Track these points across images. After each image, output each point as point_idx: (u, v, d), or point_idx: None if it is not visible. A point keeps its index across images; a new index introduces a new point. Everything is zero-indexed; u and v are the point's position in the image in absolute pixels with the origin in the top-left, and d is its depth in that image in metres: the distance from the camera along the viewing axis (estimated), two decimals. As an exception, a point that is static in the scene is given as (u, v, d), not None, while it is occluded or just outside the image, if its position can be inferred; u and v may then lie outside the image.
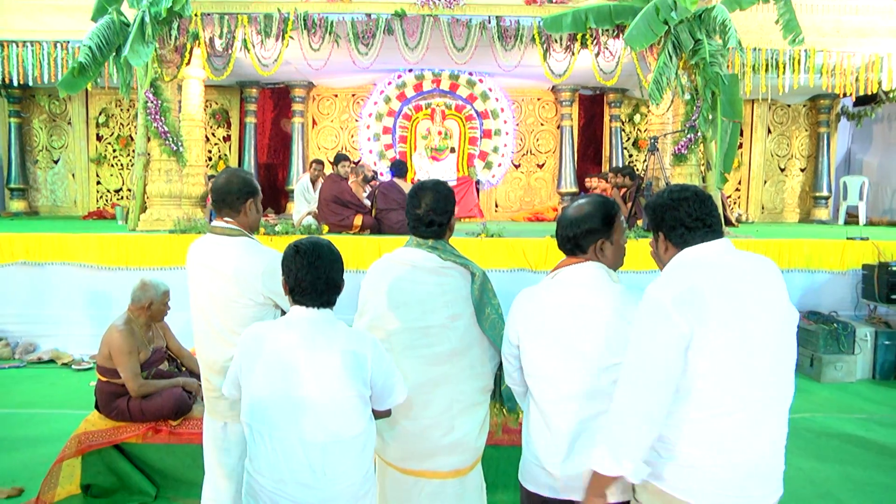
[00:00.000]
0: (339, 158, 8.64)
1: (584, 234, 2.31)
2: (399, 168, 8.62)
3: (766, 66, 8.78)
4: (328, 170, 9.87)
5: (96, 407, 4.38)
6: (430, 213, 2.66)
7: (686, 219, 2.14)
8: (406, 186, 8.35)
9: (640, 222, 7.87)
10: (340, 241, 7.42)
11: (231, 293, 2.81)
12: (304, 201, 9.19)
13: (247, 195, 2.92)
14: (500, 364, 2.72)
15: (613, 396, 2.07)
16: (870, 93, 9.64)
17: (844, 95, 10.72)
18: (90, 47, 7.42)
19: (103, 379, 4.28)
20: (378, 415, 2.48)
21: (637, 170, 10.38)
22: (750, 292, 2.05)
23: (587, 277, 2.31)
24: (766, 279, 2.12)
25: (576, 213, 2.35)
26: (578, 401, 2.26)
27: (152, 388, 4.24)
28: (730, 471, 2.03)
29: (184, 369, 4.64)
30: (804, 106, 12.68)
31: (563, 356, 2.26)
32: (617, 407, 2.04)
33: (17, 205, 11.83)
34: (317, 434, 2.27)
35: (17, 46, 8.63)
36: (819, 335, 7.07)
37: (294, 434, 2.28)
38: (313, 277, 2.32)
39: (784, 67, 8.78)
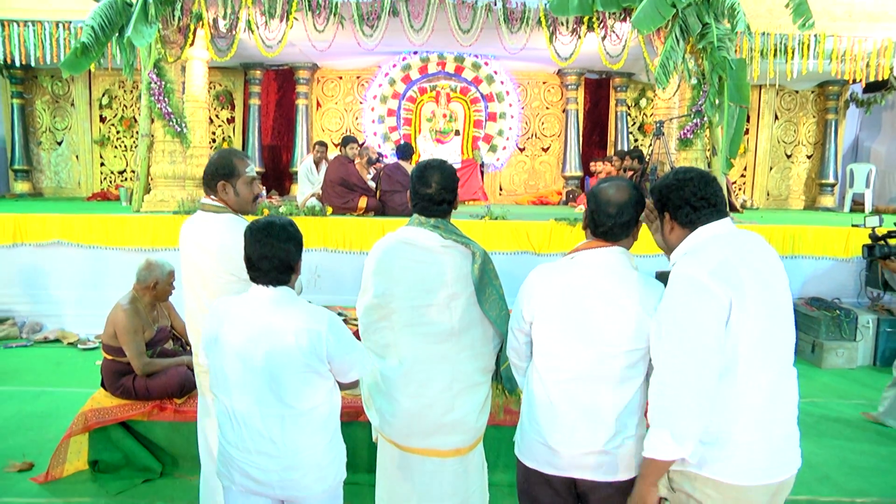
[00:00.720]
0: (347, 140, 8.62)
1: (634, 218, 2.34)
2: (405, 150, 8.61)
3: (775, 50, 8.72)
4: (332, 152, 9.85)
5: (102, 385, 4.41)
6: (442, 192, 2.66)
7: (691, 198, 2.17)
8: (411, 169, 8.33)
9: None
10: (345, 223, 7.46)
11: (215, 268, 2.91)
12: (307, 183, 9.18)
13: (220, 177, 2.98)
14: (502, 345, 2.73)
15: (658, 380, 2.07)
16: (881, 79, 9.56)
17: (854, 81, 10.63)
18: (92, 27, 7.37)
19: (109, 357, 4.31)
20: (343, 386, 2.55)
21: (643, 154, 10.33)
22: (765, 268, 2.11)
23: (613, 263, 2.33)
24: (771, 254, 2.19)
25: (626, 197, 2.31)
26: (588, 383, 2.28)
27: (157, 367, 4.27)
28: (767, 442, 2.09)
29: (188, 348, 4.66)
30: (812, 92, 12.60)
31: (579, 339, 2.28)
32: (669, 389, 2.03)
33: (21, 186, 11.83)
34: (273, 406, 2.36)
35: (19, 26, 8.59)
36: (821, 322, 7.08)
37: (253, 406, 2.37)
38: (260, 256, 2.38)
39: (793, 52, 8.72)
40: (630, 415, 2.28)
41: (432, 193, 2.66)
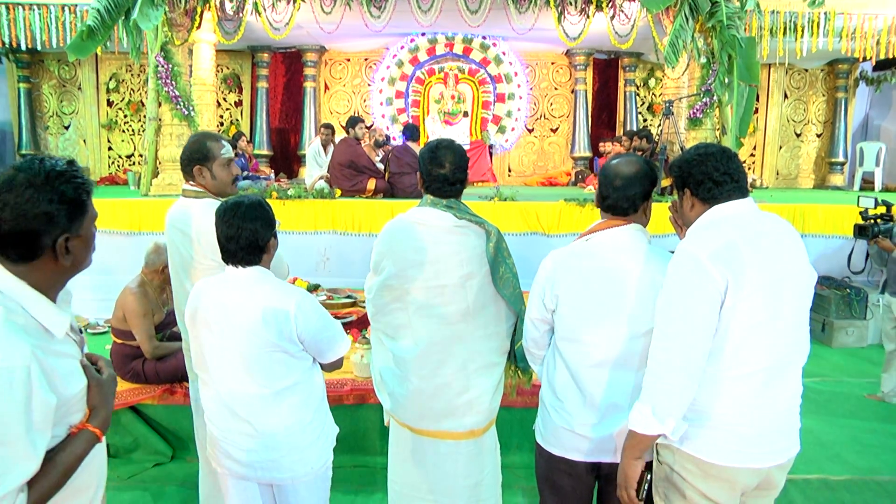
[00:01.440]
0: (354, 121, 8.59)
1: (642, 193, 2.32)
2: (412, 132, 8.58)
3: (784, 29, 8.61)
4: (340, 134, 9.83)
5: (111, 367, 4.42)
6: (455, 172, 2.63)
7: (714, 172, 2.11)
8: (419, 150, 8.30)
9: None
10: (354, 206, 7.46)
11: (195, 254, 2.90)
12: (315, 165, 9.18)
13: (196, 161, 2.96)
14: (515, 324, 2.72)
15: (650, 355, 2.07)
16: (891, 56, 9.44)
17: (864, 59, 10.51)
18: (98, 10, 7.34)
19: (118, 341, 4.32)
20: (325, 367, 2.55)
21: (652, 134, 10.28)
22: (778, 252, 2.06)
23: (630, 241, 2.33)
24: (790, 240, 2.13)
25: (634, 170, 2.32)
26: (616, 365, 2.29)
27: (167, 350, 4.28)
28: (754, 428, 2.06)
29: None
30: (822, 70, 12.49)
31: (604, 321, 2.28)
32: (656, 365, 2.03)
33: (29, 170, 11.82)
34: (249, 386, 2.37)
35: (24, 9, 8.55)
36: (831, 300, 7.06)
37: (232, 386, 2.38)
38: (227, 236, 2.35)
39: (802, 30, 8.61)
40: None
41: (446, 174, 2.62)
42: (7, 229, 1.51)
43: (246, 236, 2.33)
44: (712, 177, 2.11)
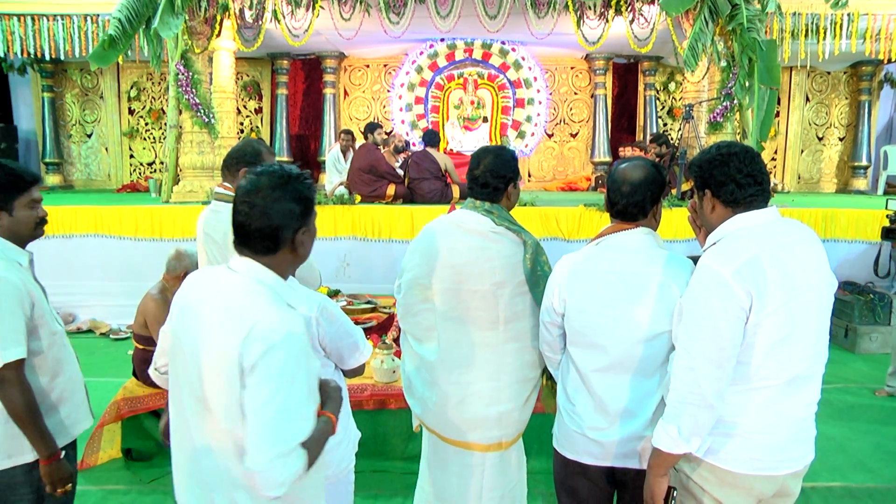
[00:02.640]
0: (373, 127, 8.62)
1: (651, 197, 2.30)
2: (431, 137, 8.60)
3: (806, 31, 8.53)
4: (359, 140, 9.86)
5: (134, 374, 4.47)
6: (486, 174, 2.61)
7: (737, 174, 2.05)
8: (438, 156, 8.32)
9: (673, 191, 7.77)
10: (373, 211, 7.48)
11: (221, 260, 2.85)
12: (335, 172, 9.21)
13: (243, 163, 3.01)
14: None
15: (673, 373, 2.03)
16: (916, 58, 9.34)
17: (889, 61, 10.39)
18: (120, 20, 7.43)
19: (139, 346, 4.36)
20: (347, 373, 2.52)
21: (671, 138, 10.23)
22: (800, 264, 2.02)
23: (640, 244, 2.31)
24: (812, 249, 2.09)
25: (642, 175, 2.30)
26: (625, 369, 2.27)
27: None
28: (773, 436, 2.05)
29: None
30: (844, 73, 12.35)
31: (612, 324, 2.26)
32: (681, 385, 1.99)
33: (52, 179, 11.96)
34: None
35: (48, 20, 8.68)
36: (855, 306, 6.98)
37: None
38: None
39: (825, 33, 8.53)
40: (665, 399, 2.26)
41: (478, 175, 2.62)
42: (257, 226, 1.75)
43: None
44: (735, 179, 2.05)
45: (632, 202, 2.29)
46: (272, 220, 1.74)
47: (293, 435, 1.67)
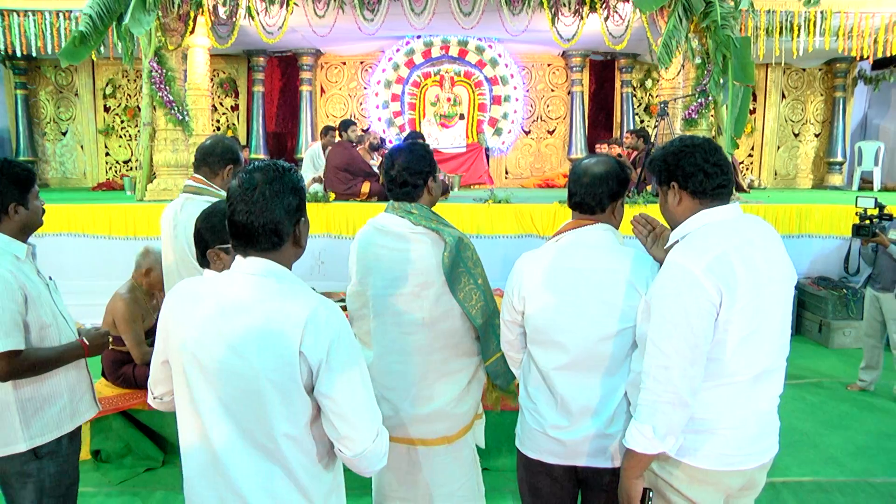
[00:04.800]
0: (347, 124, 8.58)
1: (609, 192, 2.29)
2: (413, 138, 8.57)
3: (780, 28, 8.59)
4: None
5: (103, 374, 4.43)
6: (403, 173, 2.58)
7: (704, 164, 2.05)
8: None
9: (649, 187, 7.80)
10: (348, 209, 7.44)
11: (191, 254, 2.83)
12: (312, 168, 9.16)
13: (228, 161, 3.07)
14: (483, 340, 2.66)
15: (645, 371, 2.01)
16: (889, 55, 9.41)
17: (862, 58, 10.48)
18: (90, 16, 7.34)
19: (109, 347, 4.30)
20: None
21: (649, 135, 10.27)
22: (763, 259, 2.03)
23: (599, 240, 2.29)
24: (774, 245, 2.10)
25: (603, 169, 2.29)
26: (586, 367, 2.25)
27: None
28: (741, 431, 2.06)
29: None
30: (819, 70, 12.46)
31: (573, 322, 2.24)
32: (654, 384, 1.97)
33: (27, 177, 11.82)
34: None
35: (19, 16, 8.56)
36: (828, 301, 7.03)
37: None
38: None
39: (799, 30, 8.59)
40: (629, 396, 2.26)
41: (394, 175, 2.60)
42: (261, 223, 1.71)
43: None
44: (703, 168, 2.05)
45: (590, 193, 2.28)
46: (275, 216, 1.71)
47: (377, 408, 1.77)
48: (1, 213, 2.45)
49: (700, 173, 2.05)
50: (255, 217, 1.70)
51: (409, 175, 2.59)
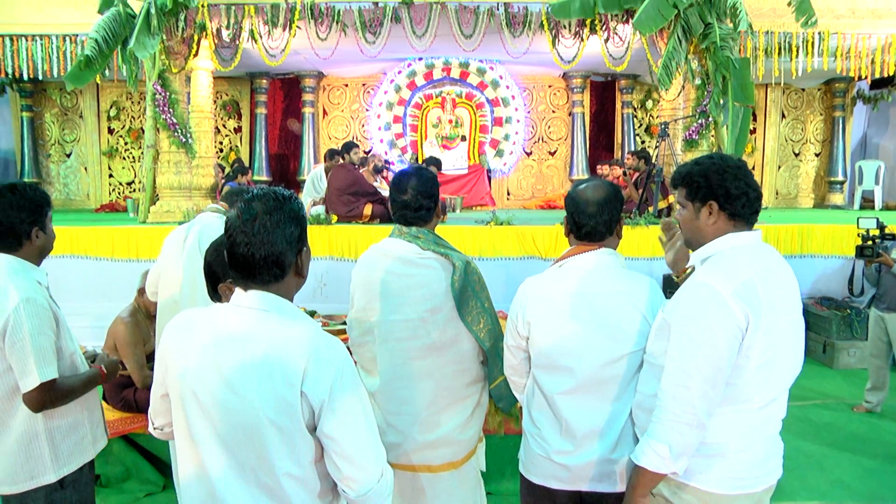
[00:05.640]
0: (350, 146, 8.62)
1: (616, 214, 2.30)
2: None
3: (779, 49, 8.64)
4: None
5: (104, 398, 4.41)
6: (418, 197, 2.59)
7: (747, 188, 2.04)
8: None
9: (650, 209, 7.81)
10: (350, 231, 7.45)
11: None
12: (313, 191, 9.18)
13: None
14: (490, 362, 2.67)
15: (664, 390, 1.98)
16: (886, 75, 9.47)
17: (860, 78, 10.53)
18: (96, 40, 7.42)
19: (110, 370, 4.30)
20: None
21: (650, 155, 10.31)
22: (781, 288, 2.02)
23: (603, 264, 2.30)
24: (788, 274, 2.09)
25: (604, 194, 2.29)
26: (591, 391, 2.25)
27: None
28: (751, 455, 2.05)
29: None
30: (819, 90, 12.51)
31: (577, 346, 2.24)
32: (673, 403, 1.95)
33: (30, 199, 11.85)
34: None
35: (27, 40, 8.64)
36: (832, 321, 7.01)
37: None
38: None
39: (797, 50, 8.64)
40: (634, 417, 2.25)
41: (408, 199, 2.59)
42: (262, 255, 1.64)
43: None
44: (746, 192, 2.03)
45: (600, 221, 2.28)
46: (276, 247, 1.65)
47: (381, 447, 1.71)
48: (23, 237, 2.42)
49: (744, 196, 2.03)
50: (255, 249, 1.64)
51: (424, 198, 2.60)
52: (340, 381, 1.62)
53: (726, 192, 2.04)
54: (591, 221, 2.28)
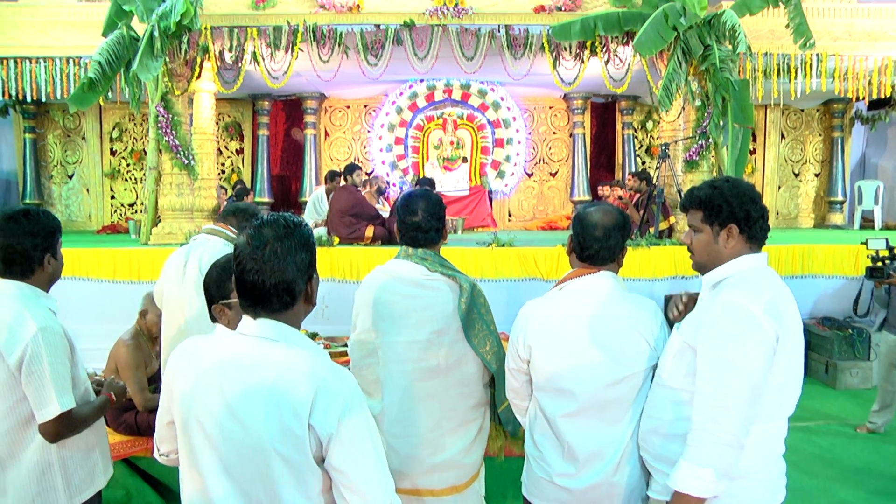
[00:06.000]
0: (352, 168, 8.65)
1: (623, 241, 2.32)
2: (423, 184, 8.68)
3: (778, 70, 8.70)
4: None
5: (105, 421, 4.38)
6: (429, 219, 2.60)
7: (763, 211, 2.12)
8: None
9: (651, 230, 7.82)
10: (352, 253, 7.46)
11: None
12: (314, 213, 9.20)
13: (252, 216, 3.09)
14: (493, 382, 2.67)
15: (702, 412, 1.97)
16: (883, 96, 9.53)
17: (858, 99, 10.62)
18: (100, 62, 7.47)
19: (111, 393, 4.29)
20: None
21: (651, 177, 10.35)
22: (792, 306, 2.07)
23: (603, 287, 2.31)
24: (791, 295, 2.13)
25: (613, 220, 2.31)
26: (593, 413, 2.25)
27: (159, 402, 4.24)
28: (767, 474, 2.08)
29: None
30: (817, 110, 12.57)
31: (579, 369, 2.24)
32: (714, 425, 1.94)
33: (32, 220, 11.87)
34: None
35: (31, 62, 8.69)
36: (834, 341, 7.00)
37: None
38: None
39: (796, 72, 8.70)
40: (635, 443, 2.25)
41: (419, 221, 2.60)
42: (273, 282, 1.61)
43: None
44: (763, 215, 2.11)
45: (606, 246, 2.29)
46: (287, 274, 1.62)
47: (390, 478, 1.67)
48: (35, 264, 2.39)
49: (761, 220, 2.10)
50: (266, 276, 1.61)
51: (435, 220, 2.62)
52: (349, 413, 1.59)
53: (747, 214, 2.09)
54: (597, 245, 2.30)
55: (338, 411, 1.58)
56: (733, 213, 2.09)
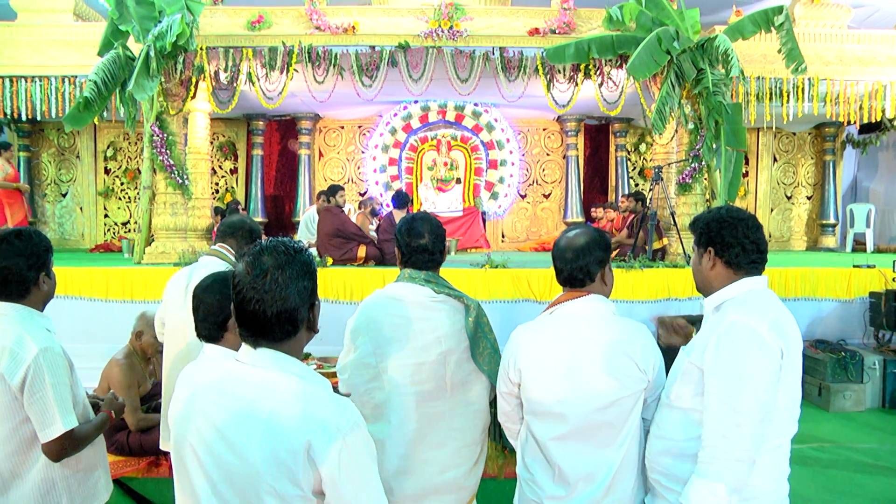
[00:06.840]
0: (334, 189, 8.64)
1: (595, 261, 2.31)
2: (398, 199, 8.65)
3: (770, 94, 8.79)
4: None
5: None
6: (435, 242, 2.61)
7: (744, 239, 2.17)
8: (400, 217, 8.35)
9: (647, 248, 7.85)
10: (345, 273, 7.45)
11: None
12: (307, 233, 9.20)
13: (257, 236, 3.21)
14: (496, 401, 2.66)
15: (714, 430, 2.01)
16: (874, 120, 9.65)
17: (849, 123, 10.73)
18: (95, 82, 7.49)
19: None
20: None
21: (646, 197, 10.41)
22: (794, 326, 2.13)
23: (592, 311, 2.31)
24: (792, 317, 2.18)
25: (582, 242, 2.32)
26: (583, 437, 2.25)
27: (151, 422, 4.22)
28: (775, 494, 2.12)
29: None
30: (809, 134, 12.69)
31: (569, 393, 2.24)
32: (727, 443, 1.98)
33: (24, 238, 11.83)
34: None
35: (26, 81, 8.71)
36: (827, 364, 7.00)
37: None
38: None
39: (788, 96, 8.79)
40: (628, 467, 2.26)
41: (426, 244, 2.59)
42: (274, 311, 1.55)
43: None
44: (742, 243, 2.16)
45: (576, 267, 2.30)
46: (289, 303, 1.56)
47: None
48: (30, 284, 2.41)
49: (738, 247, 2.17)
50: (267, 306, 1.55)
51: (440, 242, 2.63)
52: (349, 448, 1.53)
53: (722, 240, 2.18)
54: (568, 267, 2.32)
55: (338, 448, 1.52)
56: (710, 236, 2.22)
